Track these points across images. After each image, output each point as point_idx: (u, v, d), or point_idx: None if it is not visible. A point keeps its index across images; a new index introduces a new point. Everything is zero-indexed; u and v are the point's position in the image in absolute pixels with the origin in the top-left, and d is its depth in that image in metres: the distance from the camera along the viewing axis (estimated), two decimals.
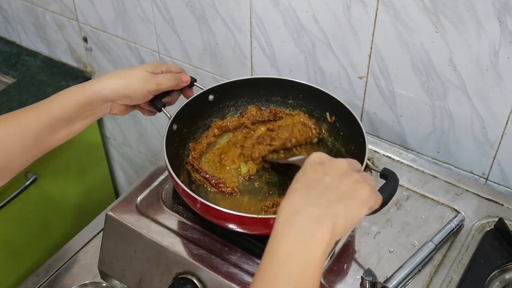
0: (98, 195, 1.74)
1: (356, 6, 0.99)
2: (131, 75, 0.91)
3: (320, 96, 1.00)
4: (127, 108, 0.95)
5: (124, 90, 0.90)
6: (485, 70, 0.93)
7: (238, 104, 1.05)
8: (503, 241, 0.89)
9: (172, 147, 0.94)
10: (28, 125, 0.85)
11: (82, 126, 0.91)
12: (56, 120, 0.87)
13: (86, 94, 0.88)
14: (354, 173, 0.67)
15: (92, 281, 1.05)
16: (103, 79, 0.90)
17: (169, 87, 0.94)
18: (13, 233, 1.48)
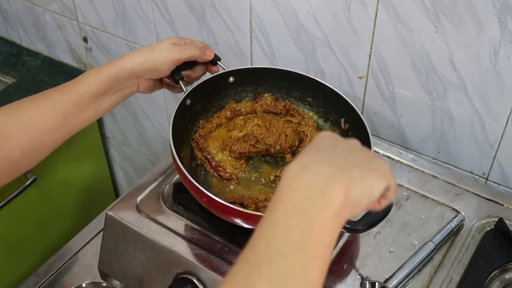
0: (98, 195, 1.74)
1: (356, 6, 0.99)
2: (154, 48, 0.91)
3: (339, 102, 0.98)
4: (154, 85, 0.95)
5: (149, 63, 0.90)
6: (485, 70, 0.93)
7: (257, 92, 1.04)
8: (503, 241, 0.89)
9: (181, 121, 0.94)
10: (57, 104, 0.86)
11: (110, 104, 0.91)
12: (83, 97, 0.87)
13: (112, 70, 0.89)
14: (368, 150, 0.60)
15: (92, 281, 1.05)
16: (128, 55, 0.91)
17: (192, 57, 0.93)
18: (13, 233, 1.48)
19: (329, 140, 0.59)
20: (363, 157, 0.57)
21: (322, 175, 0.52)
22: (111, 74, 0.89)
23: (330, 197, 0.51)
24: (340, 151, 0.57)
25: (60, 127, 0.86)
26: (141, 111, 1.57)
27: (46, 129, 0.85)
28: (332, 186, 0.52)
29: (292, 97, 1.04)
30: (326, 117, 1.03)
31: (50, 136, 0.86)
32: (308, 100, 1.04)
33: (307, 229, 0.50)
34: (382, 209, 0.60)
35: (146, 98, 1.52)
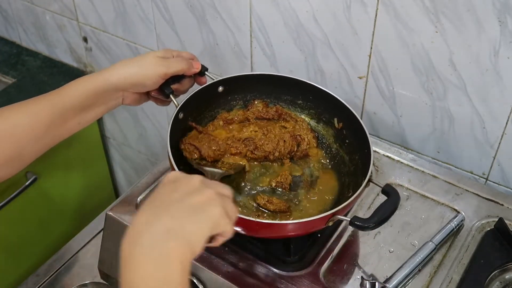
0: (98, 195, 1.74)
1: (356, 6, 0.99)
2: (141, 62, 0.90)
3: (330, 101, 0.98)
4: (140, 98, 0.94)
5: (135, 77, 0.88)
6: (485, 70, 0.93)
7: (247, 99, 1.04)
8: (503, 241, 0.89)
9: (176, 135, 0.93)
10: (40, 113, 0.85)
11: (94, 115, 0.90)
12: (67, 108, 0.86)
13: (97, 83, 0.88)
14: (207, 190, 0.64)
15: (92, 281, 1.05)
16: (113, 68, 0.89)
17: (179, 71, 0.92)
18: (13, 233, 1.48)
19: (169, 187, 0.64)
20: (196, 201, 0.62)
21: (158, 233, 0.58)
22: (96, 87, 0.87)
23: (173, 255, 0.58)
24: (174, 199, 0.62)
25: (42, 136, 0.85)
26: (141, 111, 1.57)
27: (28, 138, 0.84)
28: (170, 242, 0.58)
29: (282, 101, 1.04)
30: (318, 118, 1.02)
31: (32, 145, 0.85)
32: (298, 102, 1.03)
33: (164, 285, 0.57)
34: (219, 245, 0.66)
35: None
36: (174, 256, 0.58)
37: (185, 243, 0.59)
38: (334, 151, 1.00)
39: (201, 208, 0.62)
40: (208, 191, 0.64)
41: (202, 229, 0.61)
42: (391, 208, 0.80)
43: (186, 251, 0.59)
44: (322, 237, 0.91)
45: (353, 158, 0.96)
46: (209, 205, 0.63)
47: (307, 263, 0.87)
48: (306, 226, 0.81)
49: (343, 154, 0.98)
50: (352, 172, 0.95)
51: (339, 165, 0.98)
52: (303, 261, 0.87)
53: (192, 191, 0.64)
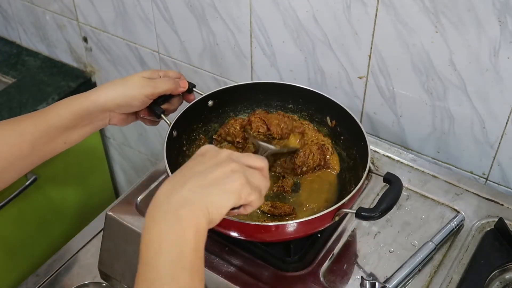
0: (98, 195, 1.74)
1: (356, 6, 0.99)
2: (127, 83, 0.90)
3: (320, 100, 0.99)
4: (127, 118, 0.94)
5: (122, 98, 0.89)
6: (485, 70, 0.93)
7: (238, 109, 1.04)
8: (503, 241, 0.89)
9: (172, 153, 0.93)
10: (26, 132, 0.85)
11: (80, 135, 0.91)
12: (53, 128, 0.87)
13: (83, 104, 0.88)
14: (232, 163, 0.66)
15: (92, 281, 1.05)
16: (99, 89, 0.90)
17: (166, 91, 0.92)
18: (13, 233, 1.48)
19: (197, 160, 0.68)
20: (220, 172, 0.65)
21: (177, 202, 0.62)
22: (82, 108, 0.88)
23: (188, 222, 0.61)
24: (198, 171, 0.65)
25: (27, 155, 0.86)
26: None
27: (12, 156, 0.84)
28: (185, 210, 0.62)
29: (273, 107, 1.04)
30: (311, 119, 1.03)
31: (16, 163, 0.85)
32: (289, 107, 1.04)
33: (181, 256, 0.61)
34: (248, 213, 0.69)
35: None
36: (188, 222, 0.61)
37: (200, 212, 0.62)
38: (331, 149, 1.00)
39: (222, 181, 0.64)
40: (233, 164, 0.66)
41: (220, 201, 0.64)
42: (395, 195, 0.79)
43: (201, 219, 0.62)
44: (322, 237, 0.91)
45: (351, 153, 0.96)
46: (230, 177, 0.65)
47: (307, 263, 0.87)
48: (313, 224, 0.81)
49: (340, 150, 0.99)
50: (351, 167, 0.95)
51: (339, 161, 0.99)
52: (303, 261, 0.87)
53: (217, 164, 0.66)
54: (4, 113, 1.46)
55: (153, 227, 0.62)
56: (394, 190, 0.81)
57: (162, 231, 0.61)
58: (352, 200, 0.83)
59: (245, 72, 1.24)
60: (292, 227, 0.79)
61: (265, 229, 0.80)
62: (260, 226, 0.79)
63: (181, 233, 0.61)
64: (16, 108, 1.47)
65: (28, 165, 0.88)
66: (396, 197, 0.80)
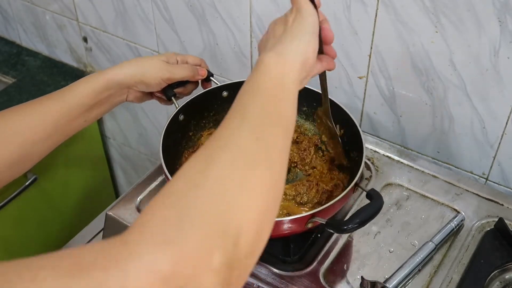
0: (98, 195, 1.74)
1: (356, 6, 0.99)
2: (146, 63, 0.91)
3: (333, 108, 0.96)
4: (143, 96, 0.95)
5: (139, 77, 0.90)
6: (485, 70, 0.93)
7: None
8: (503, 241, 0.89)
9: (174, 136, 0.94)
10: (48, 113, 0.85)
11: (99, 113, 0.91)
12: (74, 107, 0.87)
13: (103, 80, 0.89)
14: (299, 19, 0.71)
15: None
16: (119, 66, 0.90)
17: (183, 77, 0.93)
18: (13, 233, 1.48)
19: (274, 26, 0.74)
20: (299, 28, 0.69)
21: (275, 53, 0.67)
22: (102, 85, 0.88)
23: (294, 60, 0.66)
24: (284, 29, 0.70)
25: (50, 136, 0.86)
26: (141, 111, 1.57)
27: (36, 138, 0.85)
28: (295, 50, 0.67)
29: None
30: None
31: (39, 144, 0.85)
32: (303, 109, 1.04)
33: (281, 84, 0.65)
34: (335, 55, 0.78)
35: None
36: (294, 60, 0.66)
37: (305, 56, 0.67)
38: (330, 155, 1.00)
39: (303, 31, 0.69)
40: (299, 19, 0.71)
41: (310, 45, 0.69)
42: (370, 212, 0.79)
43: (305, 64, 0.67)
44: (322, 237, 0.91)
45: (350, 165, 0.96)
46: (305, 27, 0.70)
47: (307, 263, 0.87)
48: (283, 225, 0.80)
49: (343, 160, 0.98)
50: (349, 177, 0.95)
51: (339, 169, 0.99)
52: (303, 261, 0.87)
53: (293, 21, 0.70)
54: None
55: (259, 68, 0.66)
56: (373, 207, 0.80)
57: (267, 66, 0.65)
58: (329, 209, 0.82)
59: (245, 72, 1.24)
60: None
61: None
62: None
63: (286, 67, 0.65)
64: None
65: (50, 145, 0.87)
66: (373, 215, 0.79)
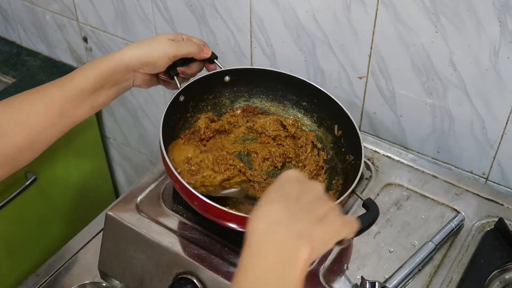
0: (98, 195, 1.74)
1: (356, 6, 0.99)
2: (151, 42, 0.90)
3: (334, 107, 0.97)
4: (150, 79, 0.94)
5: (146, 57, 0.89)
6: (485, 70, 0.93)
7: (253, 92, 1.03)
8: (503, 241, 0.89)
9: (174, 117, 0.94)
10: (52, 99, 0.85)
11: (106, 98, 0.90)
12: (79, 91, 0.86)
13: (108, 64, 0.88)
14: (329, 200, 0.65)
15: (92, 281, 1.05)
16: (125, 49, 0.89)
17: (189, 53, 0.92)
18: (13, 233, 1.48)
19: (296, 186, 0.64)
20: (324, 209, 0.62)
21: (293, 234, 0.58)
22: (108, 68, 0.87)
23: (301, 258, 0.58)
24: (306, 201, 0.62)
25: (56, 122, 0.85)
26: (141, 111, 1.57)
27: (42, 125, 0.84)
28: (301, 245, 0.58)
29: (287, 100, 1.04)
30: (320, 122, 1.02)
31: (46, 132, 0.85)
32: (303, 104, 1.03)
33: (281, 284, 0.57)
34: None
35: (146, 98, 1.52)
36: (301, 258, 0.58)
37: (312, 248, 0.59)
38: (330, 157, 0.99)
39: (328, 218, 0.62)
40: (330, 202, 0.65)
41: (328, 238, 0.62)
42: (366, 222, 0.79)
43: (311, 255, 0.59)
44: None
45: (346, 168, 0.95)
46: (335, 216, 0.63)
47: None
48: None
49: (337, 162, 0.98)
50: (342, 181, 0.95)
51: (331, 171, 0.98)
52: None
53: (319, 197, 0.64)
54: None
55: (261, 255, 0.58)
56: (367, 217, 0.80)
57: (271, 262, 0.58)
58: None
59: None
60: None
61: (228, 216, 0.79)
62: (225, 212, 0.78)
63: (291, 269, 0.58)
64: None
65: (57, 132, 0.87)
66: (368, 225, 0.80)
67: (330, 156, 0.99)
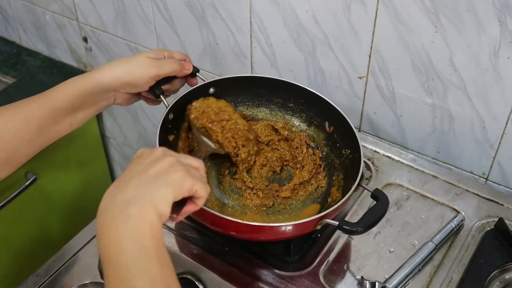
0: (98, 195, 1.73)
1: (356, 6, 0.99)
2: (132, 62, 0.89)
3: (321, 104, 0.98)
4: (131, 98, 0.93)
5: (126, 77, 0.88)
6: (485, 70, 0.93)
7: (238, 101, 1.04)
8: (503, 241, 0.89)
9: (167, 136, 0.94)
10: (31, 115, 0.84)
11: (85, 116, 0.90)
12: (58, 109, 0.86)
13: (88, 83, 0.87)
14: (168, 158, 0.67)
15: (92, 281, 1.05)
16: (104, 68, 0.89)
17: (171, 72, 0.91)
18: (13, 233, 1.48)
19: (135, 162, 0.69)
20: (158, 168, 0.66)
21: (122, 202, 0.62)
22: (87, 87, 0.87)
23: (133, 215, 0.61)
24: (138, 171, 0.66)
25: (34, 139, 0.85)
26: (141, 111, 1.57)
27: (19, 141, 0.84)
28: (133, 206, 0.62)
29: (273, 104, 1.04)
30: (309, 121, 1.02)
31: (23, 148, 0.85)
32: (290, 106, 1.03)
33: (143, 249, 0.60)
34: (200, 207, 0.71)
35: None
36: (138, 217, 0.61)
37: (148, 206, 0.62)
38: (325, 154, 0.99)
39: (161, 175, 0.65)
40: (169, 158, 0.67)
41: (164, 193, 0.64)
42: (380, 213, 0.80)
43: (150, 213, 0.62)
44: (322, 237, 0.91)
45: (344, 163, 0.95)
46: (169, 170, 0.66)
47: (307, 263, 0.87)
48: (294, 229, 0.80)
49: (334, 158, 0.98)
50: (342, 177, 0.94)
51: (329, 168, 0.98)
52: (303, 261, 0.87)
53: (153, 160, 0.67)
54: None
55: (106, 229, 0.62)
56: (380, 207, 0.81)
57: (117, 230, 0.61)
58: (336, 211, 0.82)
59: (245, 72, 1.24)
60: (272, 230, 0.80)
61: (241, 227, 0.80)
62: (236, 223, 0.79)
63: (136, 229, 0.61)
64: None
65: (35, 148, 0.87)
66: (381, 215, 0.80)
67: (325, 153, 0.99)
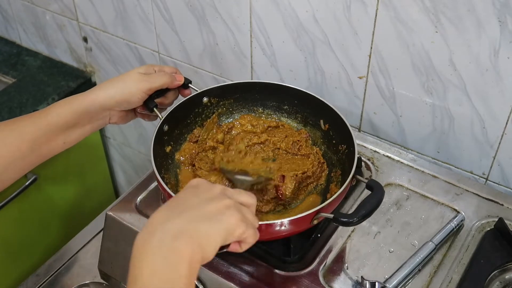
0: (98, 195, 1.74)
1: (356, 6, 0.99)
2: (124, 80, 0.91)
3: (315, 103, 0.99)
4: (126, 115, 0.95)
5: (120, 95, 0.89)
6: (485, 70, 0.93)
7: (233, 108, 1.05)
8: (503, 241, 0.89)
9: (162, 147, 0.94)
10: (25, 132, 0.86)
11: (79, 135, 0.91)
12: (52, 128, 0.87)
13: (82, 103, 0.88)
14: (226, 199, 0.65)
15: (92, 281, 1.05)
16: (98, 88, 0.90)
17: (163, 85, 0.93)
18: (13, 233, 1.48)
19: (190, 192, 0.67)
20: (214, 208, 0.64)
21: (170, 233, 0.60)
22: (81, 107, 0.88)
23: (181, 255, 0.58)
24: (193, 204, 0.64)
25: (26, 155, 0.86)
26: None
27: (12, 156, 0.85)
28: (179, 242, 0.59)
29: (268, 108, 1.04)
30: (305, 121, 1.03)
31: (15, 163, 0.85)
32: (284, 108, 1.04)
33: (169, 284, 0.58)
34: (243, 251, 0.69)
35: None
36: (182, 255, 0.59)
37: (195, 245, 0.60)
38: (323, 152, 1.00)
39: (216, 216, 0.63)
40: (227, 200, 0.65)
41: (215, 235, 0.62)
42: (374, 202, 0.80)
43: (195, 253, 0.60)
44: (322, 237, 0.91)
45: (341, 158, 0.96)
46: (224, 213, 0.64)
47: (307, 263, 0.87)
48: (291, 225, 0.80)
49: (331, 155, 0.99)
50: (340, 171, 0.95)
51: (328, 165, 0.99)
52: (303, 261, 0.87)
53: (211, 198, 0.65)
54: (4, 113, 1.46)
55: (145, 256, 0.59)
56: (375, 197, 0.81)
57: (156, 260, 0.58)
58: (331, 204, 0.82)
59: (245, 72, 1.24)
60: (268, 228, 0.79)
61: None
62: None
63: (175, 267, 0.58)
64: (16, 108, 1.47)
65: (27, 165, 0.88)
66: (376, 204, 0.80)
67: (323, 151, 1.00)
